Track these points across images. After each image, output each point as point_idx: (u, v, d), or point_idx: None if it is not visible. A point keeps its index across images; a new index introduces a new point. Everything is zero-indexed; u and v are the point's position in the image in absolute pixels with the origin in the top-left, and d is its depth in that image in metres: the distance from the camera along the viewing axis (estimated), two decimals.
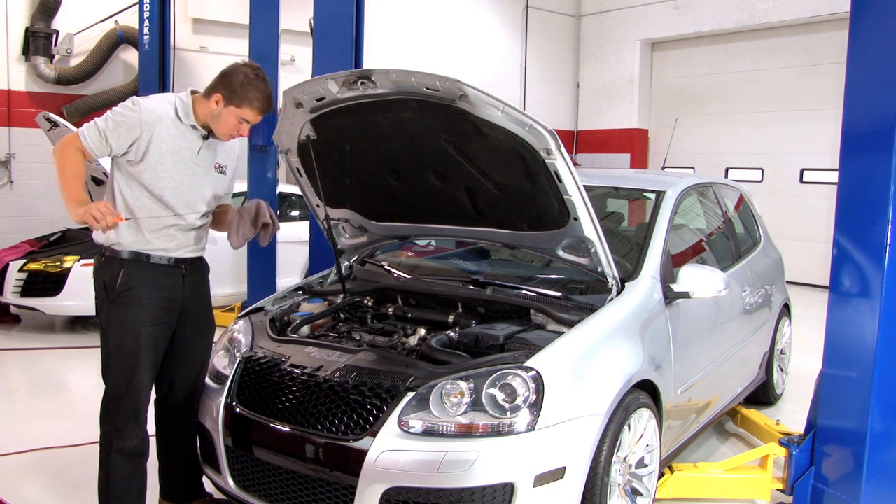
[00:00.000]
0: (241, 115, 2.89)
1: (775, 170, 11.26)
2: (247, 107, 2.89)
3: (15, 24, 8.77)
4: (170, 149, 2.86)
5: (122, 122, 2.79)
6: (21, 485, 3.67)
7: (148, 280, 2.87)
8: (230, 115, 2.89)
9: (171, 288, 2.93)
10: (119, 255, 2.88)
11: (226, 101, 2.88)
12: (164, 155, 2.85)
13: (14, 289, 6.59)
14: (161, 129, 2.83)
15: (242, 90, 2.87)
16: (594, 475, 2.64)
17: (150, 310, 2.87)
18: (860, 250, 3.07)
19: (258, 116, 2.93)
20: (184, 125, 2.89)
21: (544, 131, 2.71)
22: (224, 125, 2.90)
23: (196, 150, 2.93)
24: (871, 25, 3.04)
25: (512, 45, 12.90)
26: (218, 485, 3.06)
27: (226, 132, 2.93)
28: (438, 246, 4.47)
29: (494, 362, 2.65)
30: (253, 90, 2.88)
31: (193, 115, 2.90)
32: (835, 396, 3.21)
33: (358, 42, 5.24)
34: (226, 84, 2.88)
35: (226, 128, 2.91)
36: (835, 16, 10.12)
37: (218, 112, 2.89)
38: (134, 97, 2.88)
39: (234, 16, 9.40)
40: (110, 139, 2.79)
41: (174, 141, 2.86)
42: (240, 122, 2.91)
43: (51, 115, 6.66)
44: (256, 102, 2.89)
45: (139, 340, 2.84)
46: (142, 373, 2.86)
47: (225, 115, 2.89)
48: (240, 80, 2.87)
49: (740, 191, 5.13)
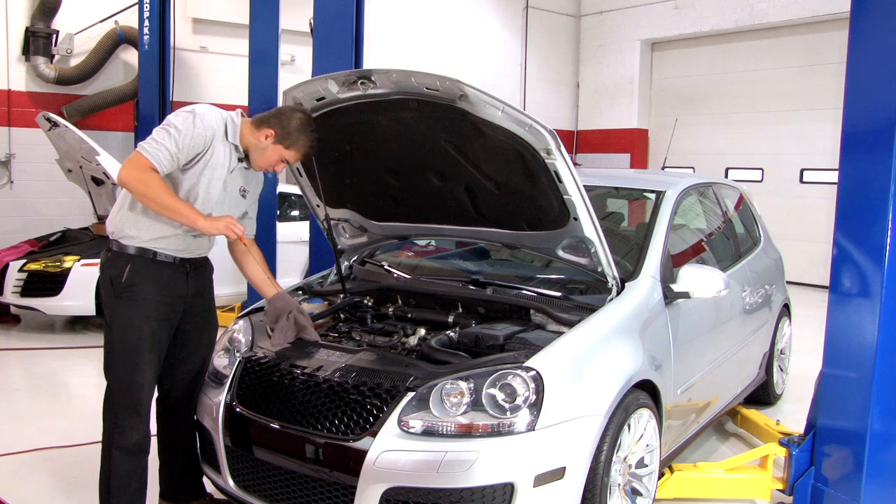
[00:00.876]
0: (286, 156, 2.99)
1: (775, 170, 11.26)
2: (294, 150, 2.98)
3: (15, 24, 8.77)
4: (213, 163, 2.91)
5: (193, 138, 2.82)
6: (21, 485, 3.67)
7: (153, 276, 2.89)
8: (275, 153, 2.97)
9: (175, 285, 2.95)
10: (126, 250, 2.89)
11: (277, 139, 2.95)
12: (208, 167, 2.90)
13: (14, 289, 6.59)
14: (215, 144, 2.90)
15: (297, 134, 2.95)
16: (594, 475, 2.64)
17: (155, 306, 2.89)
18: (860, 250, 3.07)
19: (299, 160, 3.06)
20: (228, 143, 2.94)
21: (544, 131, 2.71)
22: (266, 159, 2.98)
23: (230, 169, 2.97)
24: (871, 25, 3.04)
25: (512, 45, 12.90)
26: (218, 485, 3.06)
27: (264, 165, 3.01)
28: (438, 246, 4.47)
29: (494, 362, 2.65)
30: (305, 137, 2.97)
31: (239, 137, 2.96)
32: (835, 396, 3.21)
33: (358, 42, 5.24)
34: (281, 124, 2.94)
35: (266, 162, 2.99)
36: (835, 16, 10.12)
37: (265, 146, 2.96)
38: (195, 109, 2.88)
39: (234, 16, 9.40)
40: (181, 156, 2.82)
41: (218, 157, 2.92)
42: (280, 161, 2.99)
43: (51, 115, 6.67)
44: (304, 149, 3.00)
45: (142, 336, 2.86)
46: (144, 368, 2.88)
47: (271, 151, 2.96)
48: (296, 124, 2.94)
49: (740, 191, 5.13)
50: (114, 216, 2.96)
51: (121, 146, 9.40)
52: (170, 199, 2.77)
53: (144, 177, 2.74)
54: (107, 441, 2.91)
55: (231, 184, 3.00)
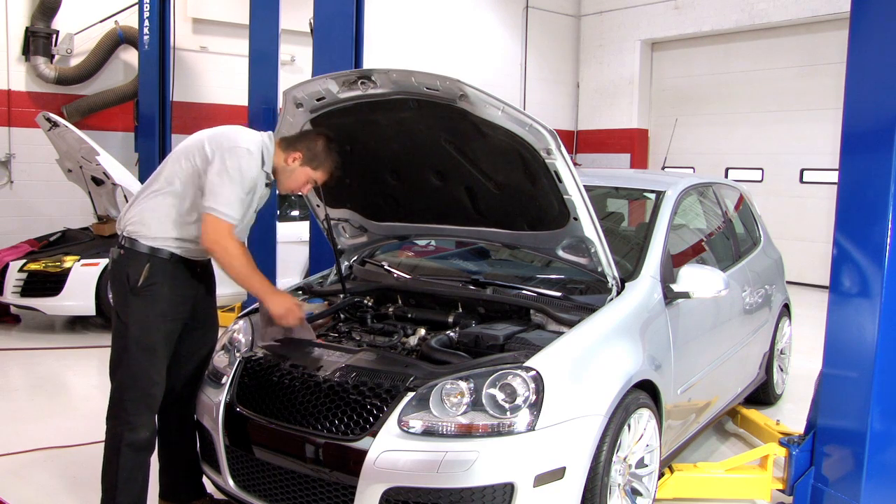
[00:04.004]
0: (313, 177, 3.06)
1: (775, 170, 11.26)
2: (322, 171, 3.06)
3: (15, 24, 8.77)
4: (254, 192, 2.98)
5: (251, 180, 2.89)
6: (21, 485, 3.67)
7: (170, 275, 2.92)
8: (303, 174, 3.04)
9: (189, 285, 2.99)
10: (138, 247, 2.90)
11: (304, 161, 3.02)
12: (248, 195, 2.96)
13: (14, 289, 6.59)
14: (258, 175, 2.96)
15: (324, 156, 3.04)
16: (594, 475, 2.64)
17: (171, 304, 2.92)
18: (860, 250, 3.07)
19: (324, 177, 3.09)
20: (262, 170, 2.98)
21: (544, 131, 2.71)
22: (294, 182, 3.05)
23: (259, 187, 3.01)
24: (871, 25, 3.04)
25: (512, 45, 12.90)
26: (218, 485, 3.06)
27: (293, 188, 3.08)
28: (438, 246, 4.47)
29: (494, 362, 2.65)
30: (331, 159, 3.06)
31: (272, 163, 3.01)
32: (835, 396, 3.21)
33: (358, 42, 5.24)
34: (308, 147, 3.02)
35: (294, 184, 3.06)
36: (835, 16, 10.12)
37: (293, 169, 3.02)
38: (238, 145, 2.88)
39: (234, 16, 9.40)
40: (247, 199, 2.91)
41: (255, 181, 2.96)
42: (307, 182, 3.07)
43: (51, 115, 6.67)
44: (331, 170, 3.07)
45: (160, 334, 2.89)
46: (159, 366, 2.91)
47: (299, 173, 3.03)
48: (322, 146, 3.03)
49: (740, 191, 5.13)
50: (130, 213, 2.96)
51: (121, 146, 9.40)
52: (251, 272, 2.90)
53: (229, 246, 2.84)
54: (115, 439, 2.90)
55: (255, 203, 3.06)
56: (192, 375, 3.14)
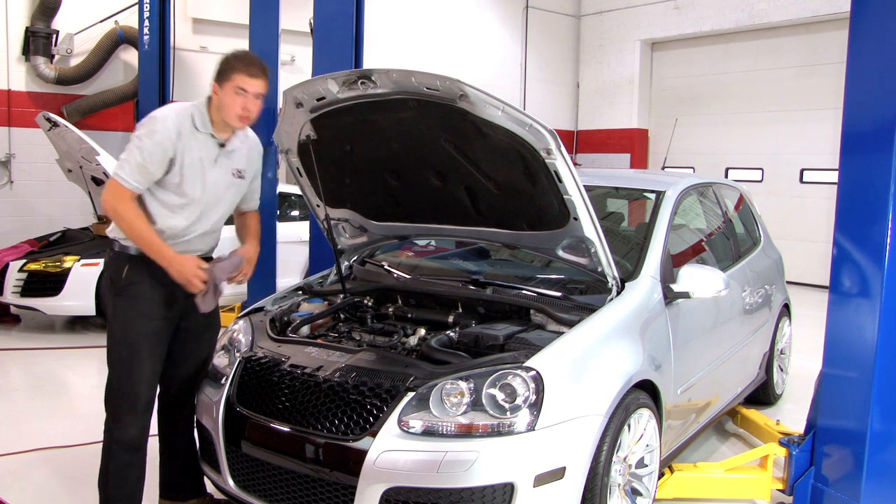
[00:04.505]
0: (236, 85, 2.86)
1: (775, 170, 11.26)
2: (235, 74, 2.86)
3: (15, 24, 8.76)
4: (192, 160, 2.89)
5: (156, 145, 2.80)
6: (21, 485, 3.67)
7: (152, 275, 2.90)
8: (227, 94, 2.87)
9: (174, 284, 2.95)
10: (127, 250, 2.92)
11: (219, 83, 2.89)
12: (189, 166, 2.89)
13: (14, 289, 6.59)
14: (184, 141, 2.86)
15: (227, 65, 2.90)
16: (594, 475, 2.64)
17: (154, 304, 2.91)
18: (860, 250, 3.07)
19: (253, 80, 2.87)
20: (202, 134, 2.91)
21: (544, 131, 2.71)
22: (229, 108, 2.88)
23: (214, 158, 2.96)
24: (871, 25, 3.04)
25: (512, 45, 12.90)
26: (218, 485, 3.06)
27: (234, 114, 2.89)
28: (438, 246, 4.47)
29: (494, 362, 2.65)
30: (235, 60, 2.90)
31: (211, 124, 2.93)
32: (835, 396, 3.21)
33: (358, 42, 5.24)
34: (216, 72, 2.92)
35: (232, 109, 2.88)
36: (835, 16, 10.12)
37: (219, 99, 2.90)
38: (151, 115, 2.87)
39: (234, 16, 9.40)
40: (150, 168, 2.81)
41: (195, 152, 2.90)
42: (239, 95, 2.87)
43: (51, 115, 6.67)
44: (242, 66, 2.87)
45: (142, 334, 2.88)
46: (142, 365, 2.90)
47: (224, 97, 2.88)
48: (223, 60, 2.92)
49: (740, 191, 5.13)
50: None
51: (121, 146, 9.30)
52: (144, 233, 2.81)
53: (120, 208, 2.80)
54: (107, 434, 2.96)
55: (219, 172, 2.98)
56: (190, 376, 3.14)
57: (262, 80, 2.90)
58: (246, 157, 3.10)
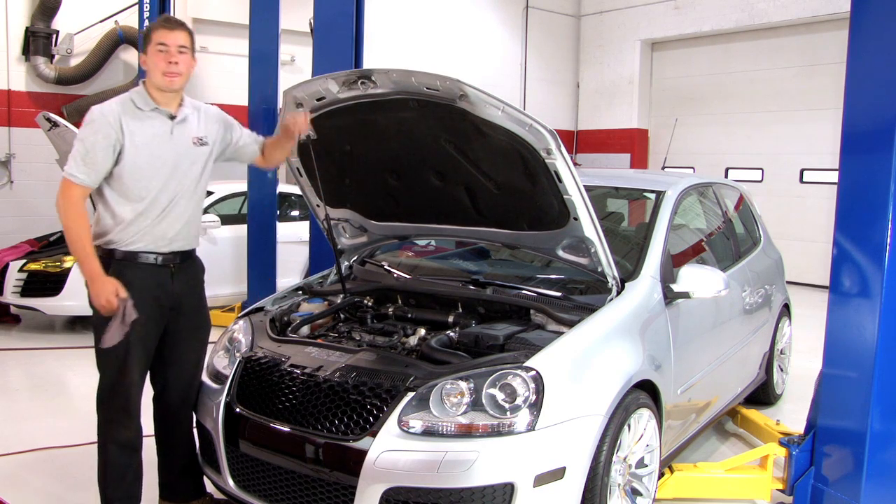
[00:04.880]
0: (157, 42, 2.85)
1: (775, 170, 11.26)
2: (153, 33, 2.87)
3: (15, 24, 8.76)
4: (142, 140, 2.85)
5: (96, 134, 2.79)
6: (21, 485, 3.67)
7: (135, 278, 2.87)
8: (151, 55, 2.86)
9: (158, 286, 2.93)
10: (112, 255, 2.89)
11: (144, 51, 2.90)
12: (139, 147, 2.84)
13: (14, 289, 6.59)
14: (129, 125, 2.83)
15: (146, 32, 2.92)
16: (594, 475, 2.64)
17: (139, 306, 2.86)
18: (860, 250, 3.07)
19: (171, 32, 2.87)
20: (146, 113, 2.88)
21: (544, 131, 2.71)
22: (154, 68, 2.86)
23: (169, 130, 2.91)
24: (871, 25, 3.04)
25: (512, 45, 12.90)
26: (218, 485, 3.06)
27: (159, 72, 2.85)
28: (438, 246, 4.47)
29: (494, 362, 2.65)
30: (153, 22, 2.94)
31: (152, 100, 2.89)
32: (835, 396, 3.21)
33: (358, 42, 5.24)
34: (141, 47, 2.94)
35: (157, 68, 2.85)
36: (835, 16, 10.11)
37: (147, 67, 2.89)
38: (92, 108, 2.87)
39: (234, 16, 9.40)
40: (96, 158, 2.79)
41: (143, 131, 2.86)
42: (162, 51, 2.85)
43: (51, 115, 6.66)
44: (159, 23, 2.90)
45: (129, 337, 2.84)
46: (131, 369, 2.88)
47: (149, 60, 2.88)
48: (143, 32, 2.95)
49: (740, 191, 5.13)
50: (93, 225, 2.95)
51: None
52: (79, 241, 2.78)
53: (66, 209, 2.79)
54: (101, 434, 2.96)
55: (180, 143, 2.93)
56: (185, 377, 3.11)
57: (181, 31, 2.90)
58: (204, 124, 3.04)
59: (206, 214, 7.18)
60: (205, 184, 3.08)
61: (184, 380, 3.11)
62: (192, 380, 3.14)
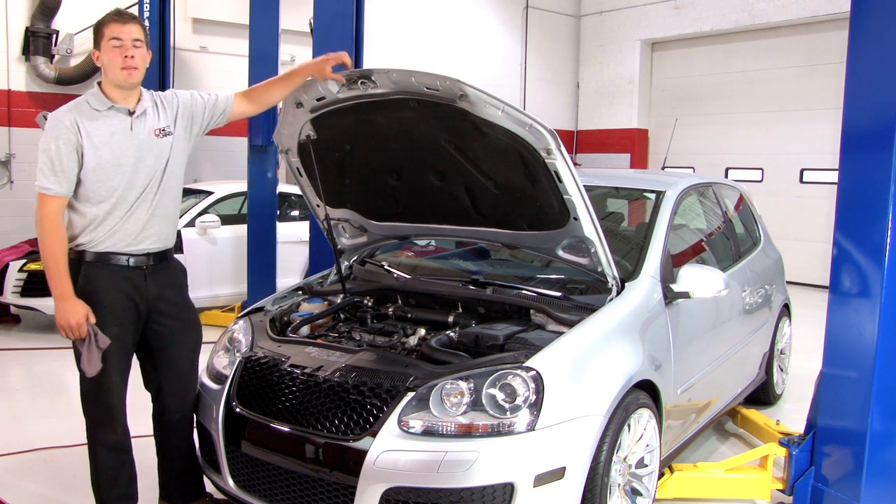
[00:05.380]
0: (110, 37, 2.80)
1: (775, 170, 11.26)
2: (106, 28, 2.82)
3: (15, 24, 8.76)
4: (100, 139, 2.80)
5: (58, 140, 2.75)
6: (21, 485, 3.67)
7: (107, 281, 2.84)
8: (106, 51, 2.81)
9: (131, 289, 2.89)
10: (82, 257, 2.86)
11: (97, 47, 2.84)
12: (98, 147, 2.80)
13: (14, 289, 6.59)
14: (87, 127, 2.79)
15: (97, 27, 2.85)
16: (594, 475, 2.64)
17: (113, 310, 2.84)
18: (860, 250, 3.07)
19: (124, 26, 2.81)
20: (102, 113, 2.83)
21: (544, 131, 2.71)
22: (110, 63, 2.80)
23: (128, 127, 2.86)
24: (871, 25, 3.04)
25: (512, 45, 12.90)
26: (218, 485, 3.06)
27: (115, 67, 2.80)
28: (438, 246, 4.47)
29: (494, 362, 2.65)
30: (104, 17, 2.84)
31: (108, 99, 2.85)
32: (835, 396, 3.21)
33: (358, 42, 5.24)
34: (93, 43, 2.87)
35: (112, 63, 2.80)
36: (835, 16, 10.12)
37: (102, 63, 2.84)
38: (48, 116, 2.84)
39: (234, 16, 9.40)
40: (66, 165, 2.75)
41: (100, 131, 2.81)
42: (116, 46, 2.79)
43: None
44: (110, 17, 2.84)
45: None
46: (109, 373, 2.84)
47: (104, 56, 2.82)
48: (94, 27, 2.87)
49: (740, 191, 5.13)
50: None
51: None
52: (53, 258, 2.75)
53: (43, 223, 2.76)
54: (90, 438, 2.94)
55: (138, 140, 2.86)
56: (178, 378, 3.07)
57: (133, 24, 2.85)
58: (163, 114, 2.96)
59: (206, 214, 7.20)
60: (176, 178, 2.99)
61: (178, 382, 3.08)
62: (187, 382, 3.10)
